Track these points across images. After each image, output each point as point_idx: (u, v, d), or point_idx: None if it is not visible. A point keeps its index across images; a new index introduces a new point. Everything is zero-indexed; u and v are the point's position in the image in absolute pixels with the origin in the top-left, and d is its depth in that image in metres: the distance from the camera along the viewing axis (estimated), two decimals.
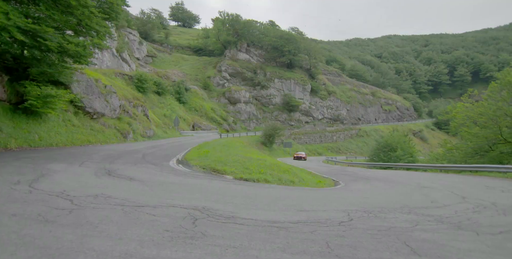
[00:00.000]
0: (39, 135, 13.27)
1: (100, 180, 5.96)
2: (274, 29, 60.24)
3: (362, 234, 2.97)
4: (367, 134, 58.29)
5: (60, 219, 2.98)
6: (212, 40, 58.03)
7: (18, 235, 2.43)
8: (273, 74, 55.42)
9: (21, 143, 11.93)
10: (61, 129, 15.07)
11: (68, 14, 10.02)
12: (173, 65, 54.14)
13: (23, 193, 4.12)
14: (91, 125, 17.98)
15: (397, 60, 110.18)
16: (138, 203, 4.06)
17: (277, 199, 5.44)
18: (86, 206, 3.67)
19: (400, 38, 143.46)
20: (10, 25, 7.46)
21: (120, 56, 36.46)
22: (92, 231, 2.69)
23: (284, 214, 3.92)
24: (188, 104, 42.77)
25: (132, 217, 3.29)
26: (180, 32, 72.35)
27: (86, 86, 18.39)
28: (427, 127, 71.07)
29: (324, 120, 60.03)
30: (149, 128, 25.59)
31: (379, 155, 35.87)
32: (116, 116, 21.30)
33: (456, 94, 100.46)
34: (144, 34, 53.93)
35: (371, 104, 70.05)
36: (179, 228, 2.96)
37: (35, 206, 3.45)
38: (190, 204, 4.27)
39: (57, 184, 5.08)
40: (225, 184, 7.02)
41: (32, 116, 13.62)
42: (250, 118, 51.23)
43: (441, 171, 14.99)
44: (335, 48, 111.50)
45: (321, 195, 6.34)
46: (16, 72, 13.61)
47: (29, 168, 6.63)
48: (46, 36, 8.72)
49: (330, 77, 68.81)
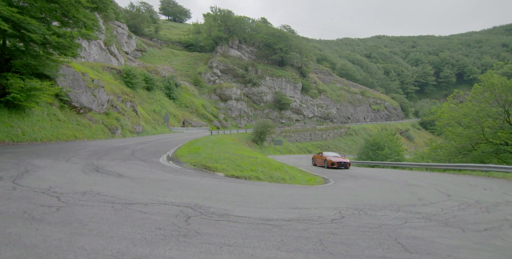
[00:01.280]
0: (22, 129, 12.76)
1: (88, 176, 5.80)
2: (266, 26, 60.02)
3: (354, 232, 3.01)
4: (356, 133, 59.34)
5: (47, 217, 2.88)
6: (203, 35, 57.28)
7: (3, 233, 2.33)
8: (264, 72, 55.35)
9: (3, 138, 11.44)
10: (46, 124, 14.55)
11: (52, 2, 9.60)
12: (163, 60, 53.15)
13: (6, 190, 3.96)
14: (78, 120, 17.45)
15: (386, 61, 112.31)
16: (128, 200, 3.97)
17: (269, 196, 5.45)
18: (74, 203, 3.55)
19: (389, 38, 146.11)
20: None
21: (108, 50, 35.43)
22: (82, 229, 2.61)
23: (277, 212, 3.93)
24: (178, 100, 42.17)
25: (122, 215, 3.22)
26: (170, 27, 70.99)
27: (73, 80, 17.79)
28: (413, 127, 73.04)
29: (314, 119, 60.63)
30: (138, 124, 25.09)
31: (367, 154, 36.62)
32: (104, 111, 20.74)
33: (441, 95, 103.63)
34: (134, 28, 52.60)
35: (360, 103, 71.24)
36: (171, 226, 2.91)
37: (20, 203, 3.31)
38: (182, 201, 4.22)
39: (43, 180, 4.90)
40: (217, 182, 6.98)
41: (15, 109, 13.08)
42: (241, 115, 51.10)
43: (427, 169, 15.46)
44: (326, 47, 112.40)
45: (312, 192, 6.41)
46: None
47: (12, 164, 6.37)
48: (30, 27, 8.34)
49: (321, 75, 69.43)
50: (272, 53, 56.63)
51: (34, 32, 8.50)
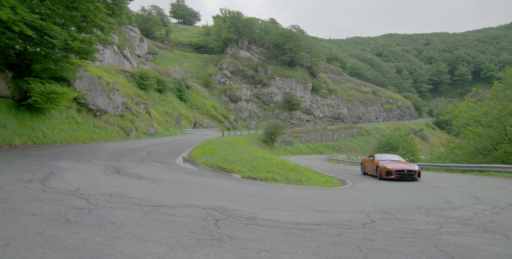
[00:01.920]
0: (43, 132, 13.16)
1: (111, 178, 5.88)
2: (275, 26, 59.95)
3: (391, 237, 2.90)
4: (368, 133, 58.32)
5: (81, 219, 2.91)
6: (213, 37, 57.74)
7: (43, 236, 2.36)
8: (274, 72, 55.23)
9: (25, 140, 11.83)
10: (65, 126, 14.97)
11: (72, 9, 9.87)
12: (174, 63, 53.88)
13: (37, 192, 4.04)
14: (94, 122, 17.87)
15: (398, 59, 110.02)
16: (154, 202, 3.99)
17: (290, 199, 5.38)
18: (103, 205, 3.59)
19: (401, 36, 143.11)
20: (17, 20, 7.33)
21: (121, 53, 36.22)
22: (116, 232, 2.61)
23: (303, 215, 3.85)
24: (189, 102, 42.62)
25: (152, 217, 3.22)
26: (180, 30, 71.95)
27: (89, 83, 18.25)
28: (427, 126, 71.15)
29: (325, 119, 59.98)
30: (151, 125, 25.48)
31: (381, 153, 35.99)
32: (119, 113, 21.18)
33: (457, 93, 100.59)
34: (145, 31, 53.60)
35: (372, 102, 70.01)
36: (203, 229, 2.89)
37: (52, 205, 3.37)
38: (206, 204, 4.21)
39: (69, 182, 5.00)
40: (235, 183, 6.95)
41: (36, 113, 13.51)
42: (251, 116, 51.14)
43: (447, 170, 14.97)
44: (335, 46, 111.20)
45: (333, 194, 6.28)
46: (19, 68, 13.47)
47: (37, 166, 6.54)
48: (52, 33, 8.59)
49: (331, 75, 68.68)
50: (281, 53, 56.47)
51: (56, 38, 8.75)
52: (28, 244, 2.17)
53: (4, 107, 11.96)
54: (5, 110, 11.91)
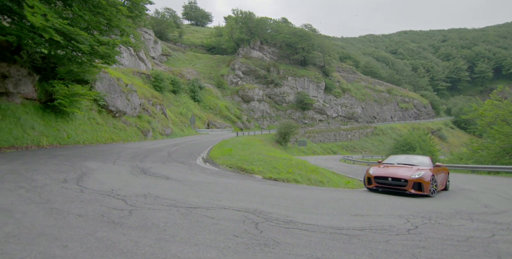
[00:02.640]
0: (67, 133, 13.61)
1: (139, 179, 5.97)
2: (287, 26, 59.59)
3: (444, 245, 2.76)
4: (383, 133, 56.99)
5: (125, 221, 2.94)
6: (225, 38, 58.06)
7: (95, 237, 2.39)
8: (286, 72, 54.93)
9: (52, 141, 12.26)
10: (87, 127, 15.42)
11: (97, 14, 10.12)
12: (187, 64, 54.57)
13: (75, 192, 4.14)
14: (114, 123, 18.33)
15: (414, 56, 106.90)
16: (188, 204, 4.00)
17: (319, 201, 5.28)
18: (141, 206, 3.63)
19: (416, 33, 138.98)
20: (48, 26, 7.59)
21: (137, 55, 37.02)
22: (163, 234, 2.62)
23: (341, 219, 3.75)
24: (202, 102, 43.04)
25: (192, 219, 3.22)
26: (193, 31, 72.80)
27: (109, 85, 18.74)
28: (446, 126, 68.74)
29: (338, 118, 59.10)
30: (167, 126, 25.89)
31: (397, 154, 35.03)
32: (136, 114, 21.63)
33: (476, 91, 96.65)
34: (159, 33, 54.56)
35: (386, 101, 68.36)
36: (246, 233, 2.85)
37: (94, 206, 3.43)
38: (239, 205, 4.18)
39: (102, 183, 5.10)
40: (259, 185, 6.91)
41: (60, 114, 13.99)
42: (264, 116, 51.06)
43: (474, 172, 14.37)
44: (348, 45, 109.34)
45: (361, 197, 6.12)
46: (45, 71, 14.00)
47: (68, 166, 6.74)
48: (79, 38, 8.83)
49: (344, 74, 67.58)
50: (293, 52, 56.07)
51: (82, 42, 9.00)
52: (84, 246, 2.19)
53: (32, 109, 12.46)
54: (33, 112, 12.40)
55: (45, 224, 2.63)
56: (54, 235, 2.35)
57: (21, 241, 2.17)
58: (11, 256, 1.91)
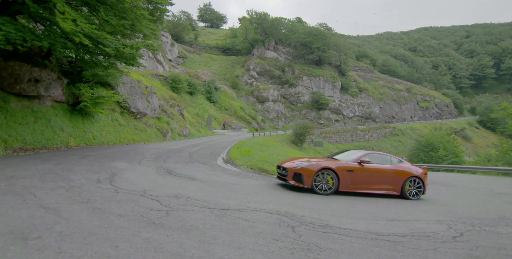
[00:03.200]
0: (92, 134, 14.15)
1: (166, 179, 6.08)
2: (301, 25, 59.08)
3: (500, 256, 2.60)
4: (402, 133, 55.13)
5: (164, 222, 2.98)
6: (239, 39, 58.39)
7: (142, 238, 2.43)
8: (301, 72, 54.43)
9: (79, 142, 12.79)
10: (110, 129, 15.97)
11: (121, 18, 10.45)
12: (202, 65, 55.36)
13: (111, 192, 4.26)
14: (135, 125, 18.88)
15: (434, 54, 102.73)
16: (220, 205, 4.01)
17: (350, 204, 5.14)
18: (175, 207, 3.67)
19: (437, 29, 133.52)
20: (77, 31, 7.92)
21: (155, 58, 37.98)
22: (205, 236, 2.62)
23: (377, 224, 3.63)
24: (218, 103, 43.47)
25: (228, 221, 3.22)
26: (208, 33, 73.77)
27: (130, 87, 19.32)
28: (470, 125, 65.51)
29: (355, 118, 57.82)
30: (185, 127, 26.35)
31: (418, 155, 33.75)
32: (156, 115, 22.17)
33: (503, 89, 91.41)
34: (175, 36, 55.71)
35: (406, 101, 66.11)
36: (285, 237, 2.81)
37: (131, 207, 3.51)
38: (269, 208, 4.15)
39: (133, 183, 5.23)
40: (285, 186, 6.84)
41: (86, 116, 14.56)
42: (279, 116, 50.84)
43: (507, 174, 13.57)
44: (364, 43, 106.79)
45: (392, 201, 5.91)
46: (71, 75, 14.64)
47: (98, 167, 6.98)
48: (105, 42, 9.15)
49: (361, 73, 66.05)
50: (309, 52, 55.48)
51: (109, 46, 9.32)
52: (134, 246, 2.23)
53: (61, 112, 13.06)
54: (62, 114, 13.00)
55: (92, 223, 2.71)
56: (103, 235, 2.41)
57: (74, 240, 2.24)
58: (70, 255, 1.98)
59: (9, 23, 7.74)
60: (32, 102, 11.88)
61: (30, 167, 5.97)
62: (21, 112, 10.74)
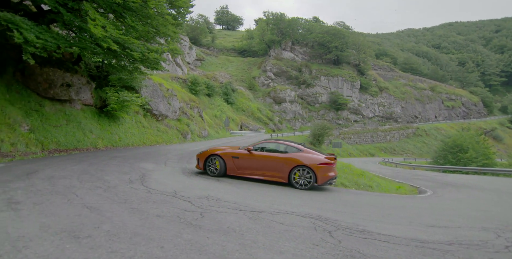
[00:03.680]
0: (118, 136, 14.73)
1: (193, 181, 6.17)
2: (319, 25, 58.30)
3: None
4: (426, 133, 52.78)
5: (201, 223, 3.01)
6: (256, 40, 58.62)
7: (184, 240, 2.46)
8: (319, 72, 53.66)
9: (106, 143, 13.35)
10: (135, 131, 16.55)
11: (146, 24, 10.81)
12: (219, 67, 56.12)
13: (145, 193, 4.39)
14: (157, 126, 19.45)
15: (460, 50, 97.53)
16: (251, 207, 4.00)
17: (382, 208, 4.96)
18: (208, 209, 3.71)
19: (463, 25, 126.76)
20: (107, 36, 8.28)
21: (174, 61, 38.98)
22: (244, 239, 2.61)
23: (418, 230, 3.46)
24: (235, 105, 43.82)
25: (262, 224, 3.19)
26: (224, 35, 74.70)
27: (152, 90, 19.94)
28: (501, 125, 61.49)
29: (375, 119, 56.11)
30: (204, 128, 26.78)
31: (445, 157, 32.10)
32: (176, 117, 22.71)
33: None
34: (193, 39, 56.91)
35: (430, 100, 63.24)
36: (324, 242, 2.74)
37: (166, 207, 3.59)
38: (300, 211, 4.08)
39: (163, 184, 5.36)
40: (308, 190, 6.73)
41: (112, 119, 15.19)
42: (296, 117, 50.40)
43: None
44: (384, 40, 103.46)
45: (425, 205, 5.64)
46: (99, 79, 15.35)
47: (127, 167, 7.22)
48: (132, 47, 9.49)
49: (381, 72, 64.05)
50: (326, 52, 54.62)
51: (135, 50, 9.67)
52: (178, 247, 2.26)
53: (89, 114, 13.71)
54: (90, 117, 13.65)
55: (134, 223, 2.78)
56: (147, 235, 2.47)
57: (122, 240, 2.31)
58: (121, 255, 2.03)
59: (45, 31, 8.23)
60: (64, 105, 12.56)
61: (66, 168, 6.29)
62: (54, 115, 11.38)
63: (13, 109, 9.13)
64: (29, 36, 7.31)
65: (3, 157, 7.14)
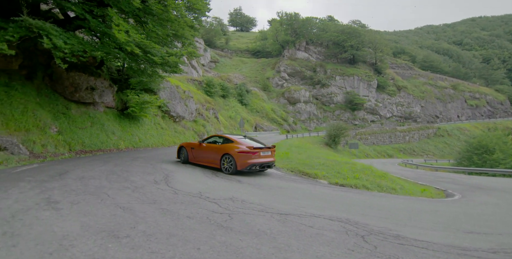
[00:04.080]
0: (138, 137, 15.14)
1: (215, 181, 6.22)
2: (333, 24, 57.43)
3: None
4: (448, 134, 50.61)
5: (231, 225, 3.01)
6: (269, 41, 58.58)
7: (218, 242, 2.46)
8: (334, 71, 52.81)
9: (127, 145, 13.76)
10: (153, 132, 16.96)
11: (165, 27, 11.05)
12: (233, 69, 56.52)
13: (171, 194, 4.46)
14: (174, 128, 19.83)
15: (484, 46, 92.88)
16: (277, 210, 3.96)
17: (412, 212, 4.77)
18: (235, 211, 3.71)
19: (487, 19, 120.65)
20: (130, 41, 8.54)
21: (190, 64, 39.66)
22: (277, 243, 2.59)
23: (456, 237, 3.29)
24: (249, 106, 43.94)
25: (292, 227, 3.15)
26: (238, 37, 75.22)
27: (170, 92, 20.38)
28: None
29: (393, 119, 54.47)
30: (219, 129, 27.04)
31: (470, 158, 30.61)
32: (193, 118, 23.07)
33: None
34: (208, 42, 57.69)
35: (451, 98, 60.62)
36: (359, 247, 2.66)
37: (194, 209, 3.62)
38: (326, 214, 4.00)
39: (187, 185, 5.43)
40: (331, 191, 6.62)
41: (133, 120, 15.64)
42: (311, 118, 49.82)
43: None
44: (402, 38, 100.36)
45: (458, 210, 5.38)
46: (120, 82, 15.87)
47: (150, 168, 7.39)
48: (153, 51, 9.73)
49: (399, 70, 62.14)
50: (341, 51, 53.69)
51: (156, 55, 9.92)
52: (214, 249, 2.27)
53: (112, 117, 14.20)
54: (112, 119, 14.12)
55: (167, 224, 2.82)
56: (182, 237, 2.49)
57: (159, 241, 2.35)
58: (162, 256, 2.06)
59: (72, 37, 8.60)
60: (88, 108, 13.07)
61: (94, 168, 6.52)
62: (80, 117, 11.87)
63: (43, 112, 9.60)
64: (57, 42, 7.66)
65: (36, 158, 7.51)
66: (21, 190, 3.80)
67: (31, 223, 2.53)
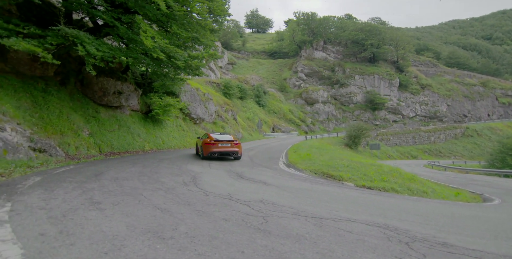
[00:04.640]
0: (162, 139, 15.58)
1: (242, 183, 6.23)
2: (352, 22, 56.19)
3: None
4: (478, 134, 47.73)
5: (268, 228, 2.98)
6: (286, 42, 58.32)
7: (260, 245, 2.44)
8: (353, 71, 51.58)
9: (152, 146, 14.19)
10: (176, 134, 17.38)
11: (187, 31, 11.29)
12: (250, 70, 56.78)
13: (202, 195, 4.51)
14: (195, 129, 20.21)
15: None
16: (309, 213, 3.89)
17: (451, 218, 4.51)
18: (268, 213, 3.67)
19: None
20: (156, 46, 8.81)
21: (208, 66, 40.33)
22: (320, 248, 2.52)
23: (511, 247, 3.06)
24: (267, 107, 43.90)
25: (330, 232, 3.07)
26: (255, 38, 75.56)
27: (191, 95, 20.81)
28: None
29: (416, 118, 52.24)
30: (238, 131, 27.21)
31: (504, 160, 28.62)
32: (212, 120, 23.40)
33: None
34: (225, 44, 58.42)
35: (481, 96, 57.15)
36: (407, 256, 2.53)
37: (228, 211, 3.63)
38: (362, 218, 3.86)
39: (215, 186, 5.48)
40: (359, 194, 6.42)
41: (156, 123, 16.12)
42: (329, 118, 48.92)
43: None
44: (425, 34, 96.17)
45: (501, 215, 5.02)
46: (143, 86, 16.43)
47: (177, 170, 7.55)
48: (176, 55, 9.97)
49: (423, 68, 59.55)
50: (361, 50, 52.35)
51: (179, 59, 10.16)
52: (258, 253, 2.25)
53: (137, 119, 14.72)
54: (138, 121, 14.64)
55: (206, 226, 2.85)
56: (224, 239, 2.49)
57: (203, 243, 2.36)
58: (210, 258, 2.07)
59: (103, 44, 9.01)
60: (115, 111, 13.63)
61: (125, 170, 6.76)
62: (108, 121, 12.40)
63: (76, 116, 10.13)
64: (90, 49, 8.05)
65: (71, 159, 7.92)
66: (65, 191, 4.01)
67: (81, 223, 2.65)
